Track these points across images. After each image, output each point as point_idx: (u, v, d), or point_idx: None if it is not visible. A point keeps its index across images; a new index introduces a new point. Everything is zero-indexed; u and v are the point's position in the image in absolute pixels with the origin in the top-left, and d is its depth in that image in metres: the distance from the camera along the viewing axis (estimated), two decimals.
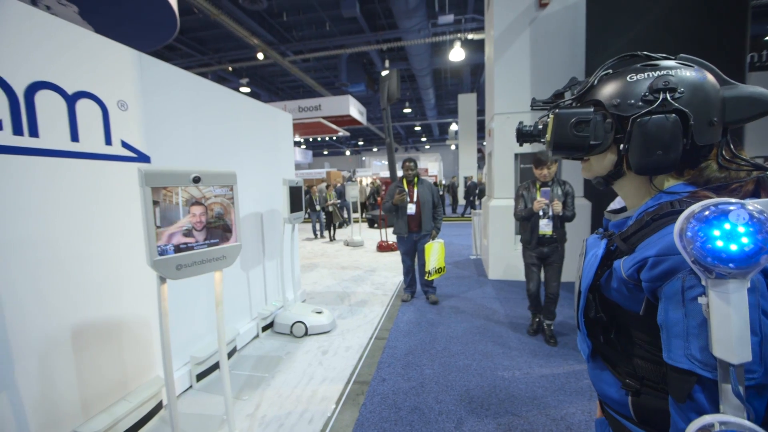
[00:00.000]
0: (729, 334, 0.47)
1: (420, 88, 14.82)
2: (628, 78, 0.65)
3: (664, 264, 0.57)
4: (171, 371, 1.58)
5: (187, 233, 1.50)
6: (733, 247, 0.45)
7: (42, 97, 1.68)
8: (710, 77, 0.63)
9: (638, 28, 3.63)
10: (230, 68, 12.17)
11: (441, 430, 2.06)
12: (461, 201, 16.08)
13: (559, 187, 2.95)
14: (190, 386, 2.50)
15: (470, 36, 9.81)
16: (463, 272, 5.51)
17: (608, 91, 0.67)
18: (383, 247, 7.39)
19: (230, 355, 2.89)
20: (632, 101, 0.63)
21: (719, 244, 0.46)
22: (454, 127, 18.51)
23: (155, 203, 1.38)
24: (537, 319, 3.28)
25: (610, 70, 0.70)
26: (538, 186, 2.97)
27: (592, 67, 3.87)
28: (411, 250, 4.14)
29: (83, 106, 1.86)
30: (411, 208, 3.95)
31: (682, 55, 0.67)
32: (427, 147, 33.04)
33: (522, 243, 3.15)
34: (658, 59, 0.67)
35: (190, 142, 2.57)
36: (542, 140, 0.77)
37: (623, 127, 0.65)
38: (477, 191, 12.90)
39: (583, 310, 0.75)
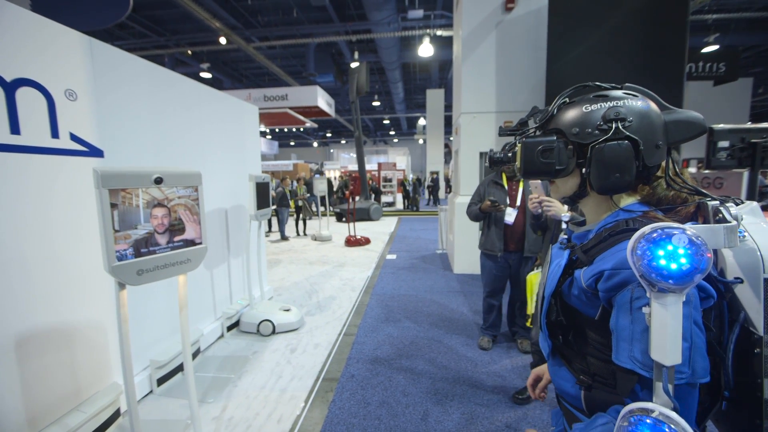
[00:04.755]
0: (664, 340, 0.54)
1: (389, 81, 14.77)
2: (583, 108, 0.72)
3: (618, 276, 0.65)
4: (131, 377, 1.52)
5: (149, 237, 1.43)
6: (673, 266, 0.52)
7: None
8: (653, 105, 0.71)
9: (594, 37, 3.87)
10: (189, 52, 11.44)
11: (408, 422, 2.14)
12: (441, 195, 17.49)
13: None
14: (150, 391, 2.40)
15: (439, 32, 9.91)
16: (429, 266, 5.66)
17: (567, 120, 0.73)
18: (351, 242, 7.39)
19: (194, 356, 2.80)
20: (589, 130, 0.70)
21: (662, 262, 0.52)
22: (422, 121, 18.69)
23: (113, 206, 1.30)
24: None
25: (567, 99, 0.77)
26: None
27: (552, 72, 4.07)
28: (502, 279, 2.90)
29: (25, 94, 1.70)
30: (510, 215, 2.67)
31: (627, 84, 0.75)
32: (396, 141, 33.12)
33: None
34: (608, 89, 0.74)
35: (149, 135, 2.42)
36: (513, 165, 0.83)
37: (584, 153, 0.72)
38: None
39: (545, 314, 0.83)
